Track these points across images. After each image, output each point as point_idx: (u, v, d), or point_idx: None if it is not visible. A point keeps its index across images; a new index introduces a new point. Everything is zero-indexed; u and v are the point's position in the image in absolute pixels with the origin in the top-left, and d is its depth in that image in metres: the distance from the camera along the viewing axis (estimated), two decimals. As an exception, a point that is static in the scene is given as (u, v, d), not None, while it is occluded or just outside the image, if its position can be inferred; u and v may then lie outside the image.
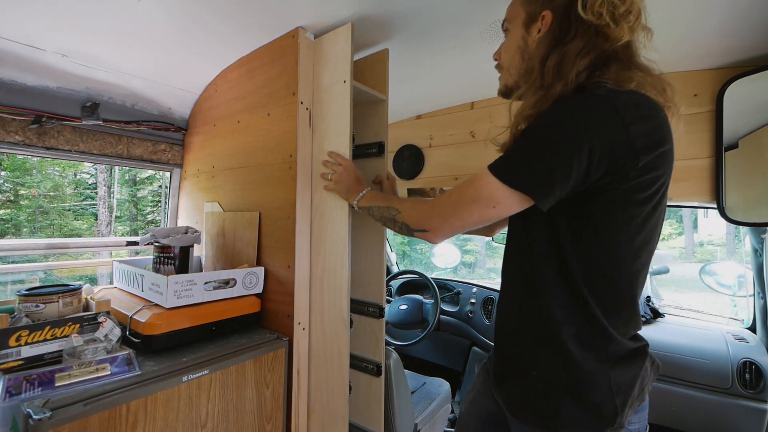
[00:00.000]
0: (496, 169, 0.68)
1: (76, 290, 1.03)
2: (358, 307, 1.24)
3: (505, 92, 0.86)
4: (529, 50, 0.77)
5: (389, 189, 1.18)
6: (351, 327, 1.22)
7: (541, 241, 0.72)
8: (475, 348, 2.21)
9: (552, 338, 0.70)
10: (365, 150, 1.27)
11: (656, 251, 0.71)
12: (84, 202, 9.90)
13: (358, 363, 1.23)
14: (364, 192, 0.97)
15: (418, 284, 2.57)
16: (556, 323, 0.70)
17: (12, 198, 8.22)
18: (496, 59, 0.89)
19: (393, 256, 2.86)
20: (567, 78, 0.68)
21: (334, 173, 1.04)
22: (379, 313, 1.21)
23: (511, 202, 0.67)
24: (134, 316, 0.95)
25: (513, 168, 0.67)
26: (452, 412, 2.10)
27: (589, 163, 0.61)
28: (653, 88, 0.68)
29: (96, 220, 9.57)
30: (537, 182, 0.64)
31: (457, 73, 1.47)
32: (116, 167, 9.15)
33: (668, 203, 1.46)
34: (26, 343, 0.81)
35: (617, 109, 0.61)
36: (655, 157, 0.62)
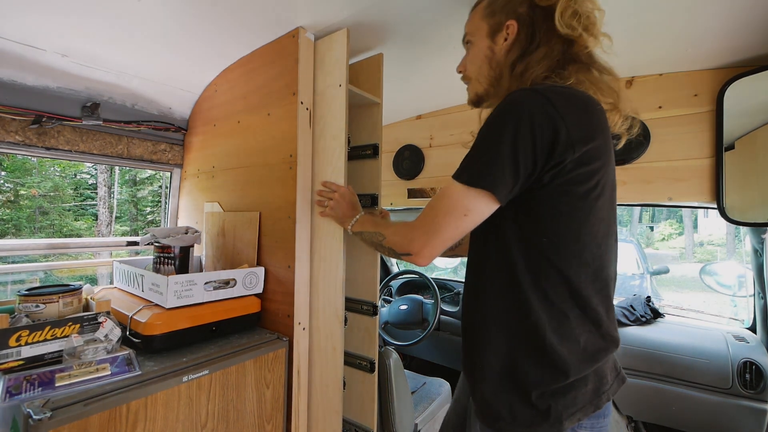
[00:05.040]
0: (457, 174, 0.71)
1: (77, 290, 1.03)
2: (352, 305, 1.25)
3: (476, 101, 0.90)
4: (497, 58, 0.82)
5: None
6: (345, 324, 1.23)
7: (493, 244, 0.74)
8: (475, 348, 2.21)
9: (499, 336, 0.73)
10: (360, 152, 1.28)
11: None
12: (84, 202, 9.90)
13: (352, 360, 1.24)
14: (357, 217, 0.99)
15: (418, 284, 2.57)
16: (499, 325, 0.73)
17: (12, 198, 8.22)
18: (460, 71, 0.93)
19: (393, 256, 2.85)
20: (526, 82, 0.75)
21: (330, 200, 1.06)
22: (373, 311, 1.21)
23: (478, 204, 0.68)
24: (134, 316, 0.95)
25: (468, 168, 0.70)
26: (452, 412, 2.10)
27: (533, 149, 0.64)
28: (593, 86, 0.73)
29: (96, 220, 9.56)
30: (489, 174, 0.66)
31: (456, 73, 1.47)
32: (116, 167, 9.14)
33: (669, 203, 1.47)
34: (26, 343, 0.81)
35: (551, 99, 0.65)
36: (590, 149, 0.66)
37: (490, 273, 0.75)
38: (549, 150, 0.64)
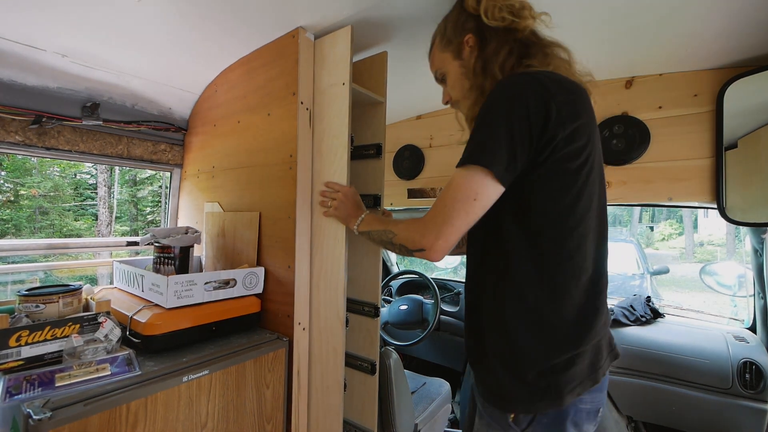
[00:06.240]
0: (460, 161, 0.74)
1: (77, 290, 1.03)
2: (353, 306, 1.25)
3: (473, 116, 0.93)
4: (470, 68, 0.87)
5: None
6: (347, 326, 1.23)
7: (491, 231, 0.77)
8: (475, 348, 2.20)
9: (498, 317, 0.76)
10: (363, 151, 1.27)
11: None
12: (84, 203, 9.90)
13: (353, 361, 1.24)
14: (363, 216, 0.99)
15: (418, 284, 2.57)
16: (497, 307, 0.76)
17: (12, 198, 8.22)
18: (446, 102, 0.98)
19: (393, 256, 2.86)
20: (492, 72, 0.80)
21: (334, 200, 1.06)
22: (375, 312, 1.21)
23: (484, 187, 0.70)
24: (134, 317, 0.95)
25: (470, 151, 0.72)
26: (452, 412, 2.10)
27: (528, 126, 0.67)
28: (570, 69, 0.80)
29: (96, 220, 9.56)
30: (487, 152, 0.69)
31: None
32: (116, 167, 9.15)
33: (669, 203, 1.47)
34: (26, 344, 0.81)
35: (543, 82, 0.70)
36: (577, 126, 0.69)
37: (490, 257, 0.78)
38: (542, 126, 0.67)
